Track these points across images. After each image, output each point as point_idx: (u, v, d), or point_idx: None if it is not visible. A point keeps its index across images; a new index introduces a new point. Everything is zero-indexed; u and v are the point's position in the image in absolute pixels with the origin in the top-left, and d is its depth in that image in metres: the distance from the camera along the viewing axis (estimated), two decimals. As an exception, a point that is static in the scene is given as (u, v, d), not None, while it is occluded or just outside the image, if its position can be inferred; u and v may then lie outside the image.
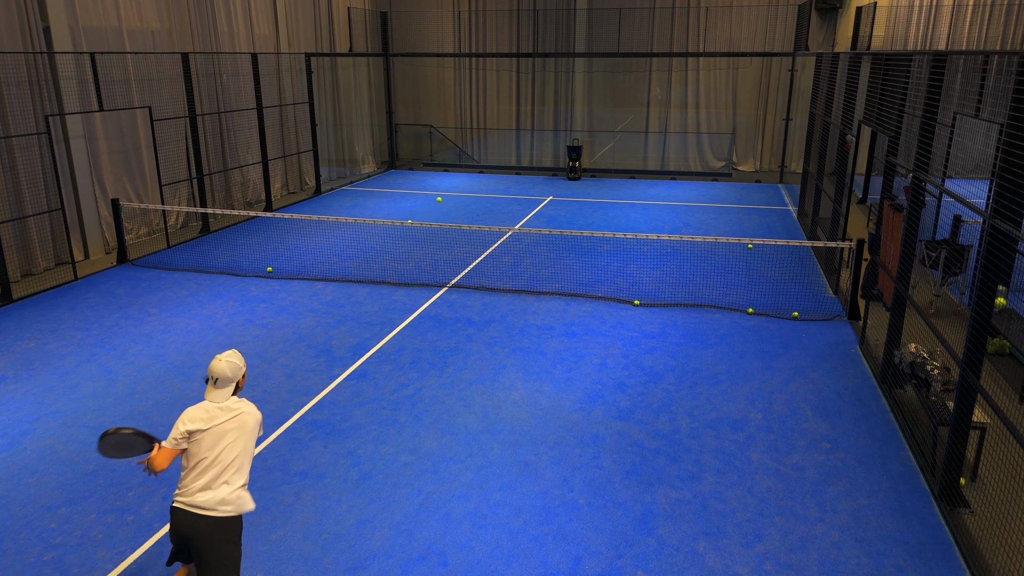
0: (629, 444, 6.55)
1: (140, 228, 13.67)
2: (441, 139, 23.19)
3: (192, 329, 9.24)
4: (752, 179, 20.35)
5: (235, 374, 4.31)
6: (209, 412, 4.21)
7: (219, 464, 4.14)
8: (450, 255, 12.53)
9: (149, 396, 7.47)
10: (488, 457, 6.34)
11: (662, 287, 10.89)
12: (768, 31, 20.45)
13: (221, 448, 4.16)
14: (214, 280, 11.21)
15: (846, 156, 10.88)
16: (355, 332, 9.17)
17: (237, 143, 16.10)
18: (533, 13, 21.54)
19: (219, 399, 4.27)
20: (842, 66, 11.67)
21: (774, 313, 9.80)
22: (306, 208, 16.63)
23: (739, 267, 11.83)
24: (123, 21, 13.03)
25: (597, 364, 8.22)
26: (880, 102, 8.77)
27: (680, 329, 9.28)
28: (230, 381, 4.30)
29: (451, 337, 9.03)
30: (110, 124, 12.92)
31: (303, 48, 18.34)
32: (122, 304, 10.14)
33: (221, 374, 4.26)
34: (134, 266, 11.96)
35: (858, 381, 7.80)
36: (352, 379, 7.87)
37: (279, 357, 8.42)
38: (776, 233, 14.24)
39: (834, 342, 8.87)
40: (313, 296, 10.52)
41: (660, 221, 15.24)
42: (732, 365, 8.20)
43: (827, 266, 11.50)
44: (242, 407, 4.29)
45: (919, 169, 6.95)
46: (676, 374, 7.97)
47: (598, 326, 9.38)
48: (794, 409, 7.18)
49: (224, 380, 4.27)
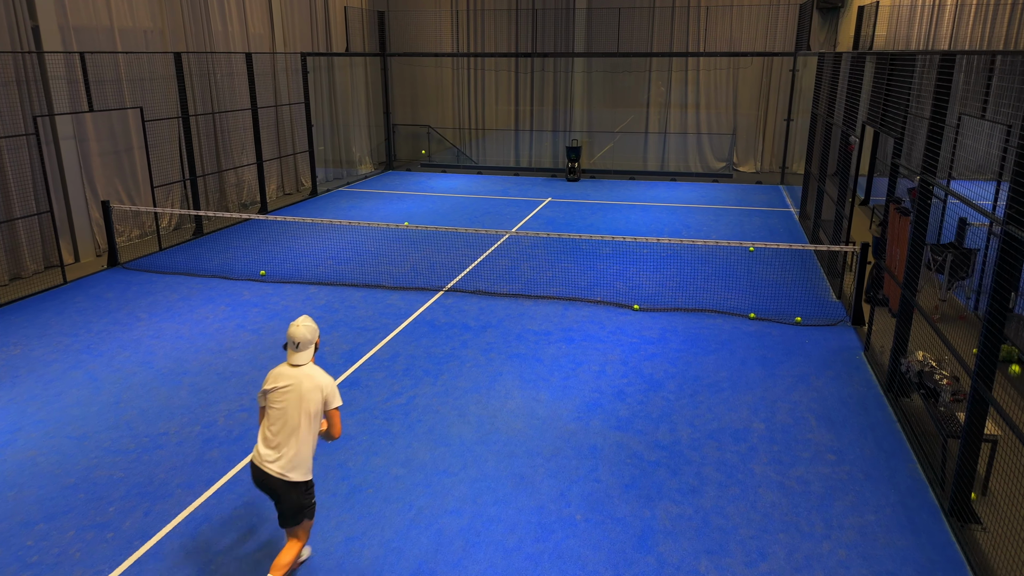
0: (628, 456, 6.35)
1: (132, 230, 13.47)
2: (439, 139, 22.99)
3: (182, 335, 9.04)
4: (753, 180, 20.16)
5: (312, 336, 4.57)
6: (283, 374, 4.53)
7: (286, 425, 4.46)
8: (447, 258, 12.33)
9: (135, 405, 7.26)
10: (482, 469, 6.14)
11: (662, 291, 10.70)
12: (769, 31, 20.26)
13: (286, 410, 4.46)
14: (206, 284, 11.01)
15: (849, 157, 10.69)
16: (348, 338, 8.97)
17: (232, 144, 15.90)
18: (532, 12, 21.34)
19: (300, 361, 4.54)
20: (845, 66, 11.48)
21: (776, 318, 9.60)
22: (302, 209, 16.43)
23: (740, 270, 11.63)
24: (114, 20, 12.83)
25: (596, 371, 8.03)
26: (885, 103, 8.57)
27: (680, 334, 9.08)
28: (309, 343, 4.56)
29: (446, 343, 8.82)
30: (101, 125, 12.72)
31: (299, 48, 18.14)
32: (111, 308, 9.94)
33: (301, 338, 4.52)
34: (125, 269, 11.76)
35: (863, 389, 7.60)
36: (344, 387, 7.67)
37: (270, 364, 8.21)
38: (778, 235, 14.05)
39: (838, 348, 8.67)
40: (306, 300, 10.32)
41: (660, 223, 15.04)
42: (734, 372, 8.00)
43: (830, 269, 11.30)
44: (309, 372, 4.52)
45: (927, 172, 6.75)
46: (676, 382, 7.77)
47: (597, 331, 9.18)
48: (798, 419, 6.98)
49: (304, 343, 4.53)
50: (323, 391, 4.51)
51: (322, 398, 4.50)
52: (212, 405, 7.26)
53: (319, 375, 4.54)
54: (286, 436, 4.45)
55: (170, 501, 5.73)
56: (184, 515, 5.56)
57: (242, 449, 6.45)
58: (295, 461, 4.47)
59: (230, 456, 6.35)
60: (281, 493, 4.49)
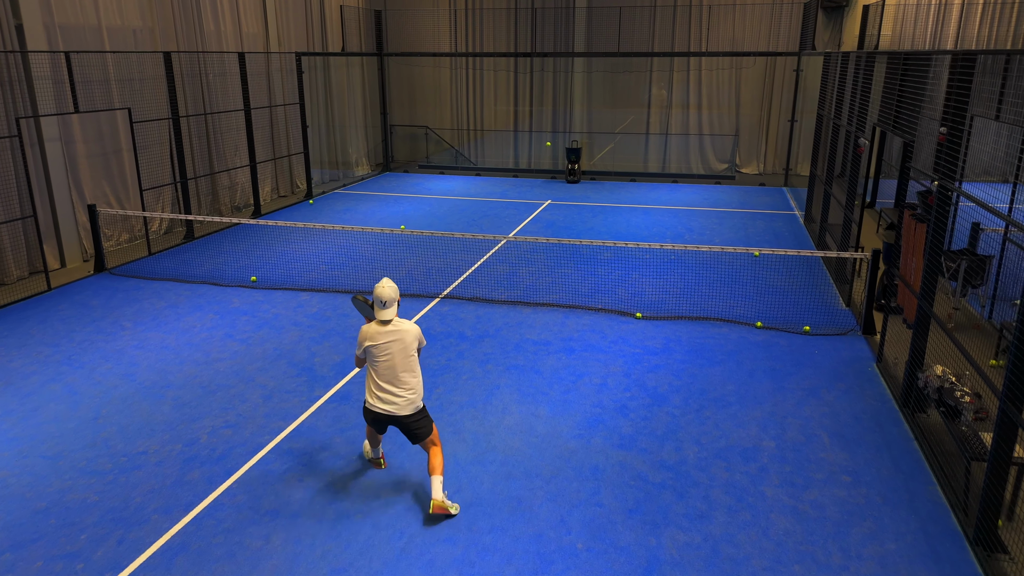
0: (632, 477, 6.02)
1: (121, 234, 13.13)
2: (437, 140, 22.65)
3: (167, 344, 8.70)
4: (756, 182, 19.82)
5: (396, 294, 5.39)
6: (380, 331, 5.38)
7: (393, 369, 5.38)
8: (443, 263, 12.00)
9: (114, 421, 6.92)
10: (478, 492, 5.80)
11: (665, 298, 10.36)
12: (772, 30, 19.93)
13: (390, 359, 5.36)
14: (195, 290, 10.67)
15: (859, 160, 10.35)
16: (340, 348, 8.64)
17: (224, 145, 15.56)
18: (531, 11, 21.00)
19: (390, 316, 5.39)
20: (854, 66, 11.14)
21: (784, 327, 9.27)
22: (296, 212, 16.10)
23: (745, 276, 11.30)
24: (102, 19, 12.49)
25: (597, 384, 7.69)
26: (898, 104, 8.24)
27: (685, 344, 8.74)
28: (394, 300, 5.38)
29: (441, 354, 8.49)
30: (89, 126, 12.38)
31: (294, 47, 17.80)
32: (95, 317, 9.60)
33: (388, 296, 5.34)
34: (112, 275, 11.42)
35: (877, 404, 7.27)
36: (334, 401, 7.34)
37: (257, 376, 7.88)
38: (783, 239, 13.71)
39: (849, 359, 8.34)
40: (298, 308, 9.98)
41: (662, 226, 14.71)
42: (741, 385, 7.67)
43: (838, 276, 10.97)
44: (402, 325, 5.42)
45: (945, 177, 6.42)
46: (681, 395, 7.44)
47: (598, 341, 8.84)
48: (810, 436, 6.65)
49: (390, 300, 5.35)
50: (418, 338, 5.49)
51: (417, 342, 5.48)
52: (195, 421, 6.92)
53: (411, 325, 5.47)
54: (398, 381, 5.39)
55: (146, 528, 5.39)
56: (159, 544, 5.22)
57: (225, 469, 6.12)
58: (409, 398, 5.43)
59: (212, 477, 6.01)
60: (407, 424, 5.47)
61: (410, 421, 5.48)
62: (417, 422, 5.51)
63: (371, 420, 5.58)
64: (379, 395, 5.44)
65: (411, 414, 5.47)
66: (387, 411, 5.42)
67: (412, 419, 5.49)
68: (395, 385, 5.41)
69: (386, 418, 5.49)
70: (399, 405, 5.41)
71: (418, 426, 5.51)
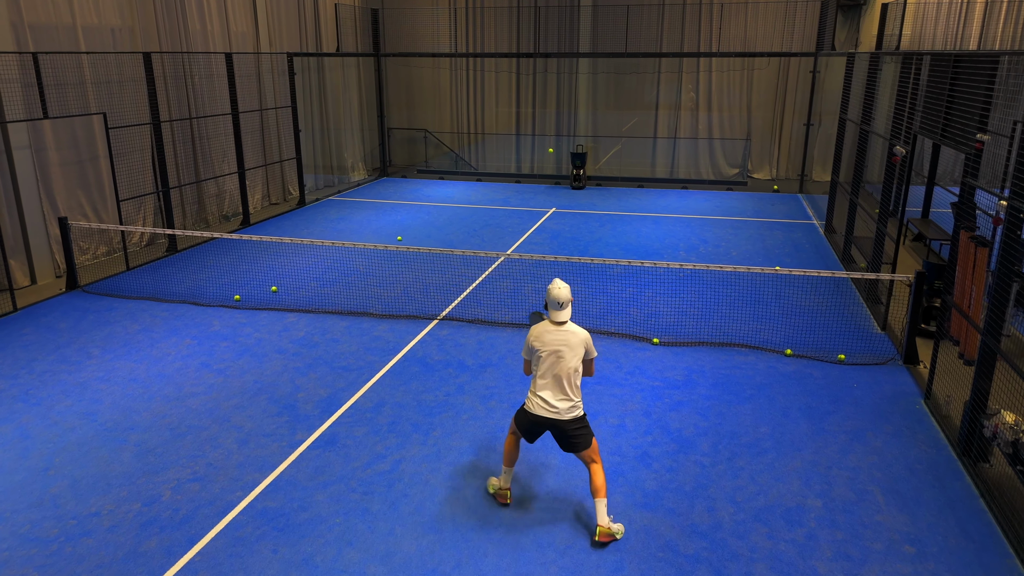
0: (659, 546, 5.18)
1: (98, 247, 12.30)
2: (436, 144, 21.82)
3: (136, 376, 7.87)
4: (769, 188, 18.98)
5: (570, 294, 5.26)
6: (550, 332, 5.22)
7: (556, 375, 5.17)
8: (442, 279, 11.16)
9: (67, 473, 6.09)
10: (480, 568, 4.97)
11: (683, 320, 9.53)
12: (786, 29, 19.08)
13: (555, 361, 5.17)
14: (173, 311, 9.84)
15: (894, 170, 9.52)
16: (327, 380, 7.80)
17: (212, 151, 14.74)
18: (534, 10, 20.16)
19: (563, 318, 5.23)
20: (891, 68, 10.31)
21: (816, 355, 8.44)
22: (288, 220, 15.26)
23: (768, 294, 10.46)
24: (77, 17, 11.66)
25: (614, 426, 6.85)
26: (948, 111, 7.40)
27: (709, 376, 7.91)
28: (569, 301, 5.23)
29: (440, 387, 7.65)
30: (62, 133, 11.55)
31: (286, 47, 16.96)
32: (61, 343, 8.77)
33: (564, 298, 5.21)
34: (85, 293, 10.59)
35: (932, 451, 6.43)
36: (318, 447, 6.50)
37: (233, 416, 7.04)
38: (804, 252, 12.87)
39: (892, 395, 7.50)
40: (283, 332, 9.15)
41: (674, 237, 13.87)
42: (776, 427, 6.83)
43: (869, 295, 10.13)
44: (571, 329, 5.23)
45: (1016, 196, 5.59)
46: (710, 440, 6.60)
47: (613, 372, 8.01)
48: (860, 493, 5.81)
49: (565, 301, 5.22)
50: (586, 344, 5.24)
51: (585, 350, 5.23)
52: (158, 473, 6.09)
53: (580, 331, 5.25)
54: (561, 386, 5.17)
55: (88, 616, 4.57)
56: (102, 639, 4.39)
57: (187, 537, 5.28)
58: (571, 404, 5.19)
59: (171, 547, 5.18)
60: (565, 429, 5.21)
61: (569, 429, 5.23)
62: (577, 431, 5.24)
63: (525, 427, 5.38)
64: (538, 399, 5.25)
65: (570, 420, 5.22)
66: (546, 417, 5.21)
67: (571, 427, 5.23)
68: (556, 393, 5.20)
69: (543, 423, 5.25)
70: (559, 411, 5.20)
71: (577, 436, 5.24)
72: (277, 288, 10.19)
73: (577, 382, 5.21)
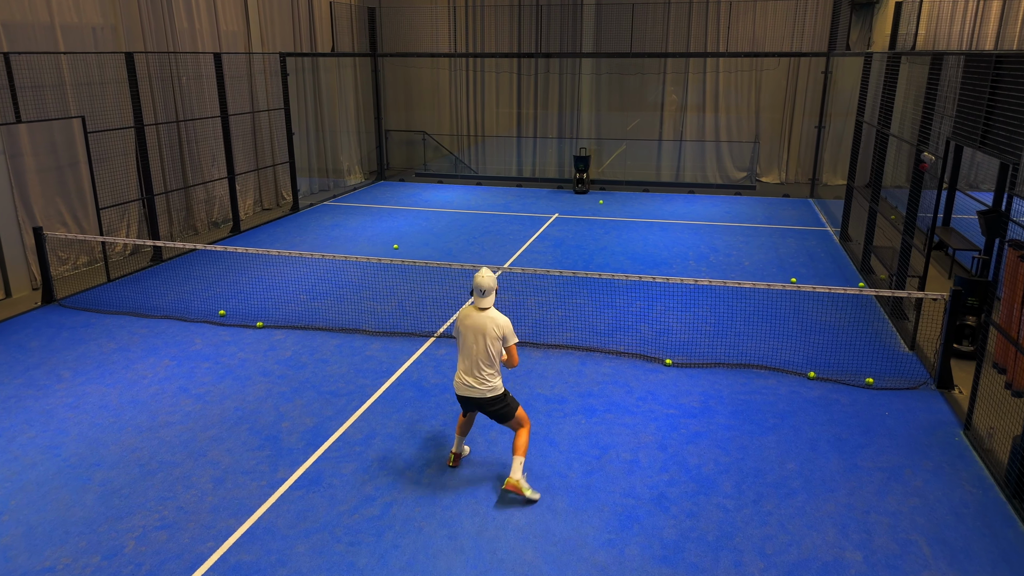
0: (682, 610, 4.58)
1: (79, 257, 11.70)
2: (435, 147, 21.22)
3: (108, 403, 7.27)
4: (778, 193, 18.38)
5: (494, 283, 5.57)
6: (470, 315, 5.57)
7: (471, 357, 5.56)
8: (440, 291, 10.57)
9: (23, 519, 5.49)
10: (480, 638, 4.37)
11: (696, 337, 8.93)
12: (796, 29, 18.48)
13: (472, 344, 5.54)
14: (154, 327, 9.25)
15: (921, 178, 8.92)
16: (314, 408, 7.21)
17: (200, 156, 14.14)
18: (536, 9, 19.56)
19: (485, 304, 5.55)
20: (919, 71, 9.71)
21: (841, 378, 7.84)
22: (280, 227, 14.66)
23: (786, 308, 9.87)
24: (56, 15, 11.06)
25: (627, 461, 6.26)
26: (988, 115, 6.81)
27: (727, 403, 7.31)
28: (491, 289, 5.56)
29: (435, 415, 7.06)
30: (40, 137, 10.96)
31: (279, 47, 16.36)
32: (30, 364, 8.17)
33: (486, 285, 5.52)
34: (62, 307, 10.00)
35: (978, 492, 5.84)
36: (301, 487, 5.91)
37: (210, 449, 6.45)
38: (819, 262, 12.27)
39: (927, 424, 6.90)
40: (269, 351, 8.55)
41: (682, 244, 13.27)
42: (804, 463, 6.23)
43: (894, 310, 9.54)
44: (491, 315, 5.54)
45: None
46: (732, 479, 6.01)
47: (623, 397, 7.41)
48: (903, 543, 5.21)
49: (488, 289, 5.54)
50: (504, 331, 5.54)
51: (501, 337, 5.54)
52: (123, 518, 5.49)
53: (500, 318, 5.55)
54: (477, 367, 5.53)
55: None
56: None
57: (150, 598, 4.69)
58: (489, 384, 5.56)
59: (131, 612, 4.58)
60: (486, 407, 5.64)
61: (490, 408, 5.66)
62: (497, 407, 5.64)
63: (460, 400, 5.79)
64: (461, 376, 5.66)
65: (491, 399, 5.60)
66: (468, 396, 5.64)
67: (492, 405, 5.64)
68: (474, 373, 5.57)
69: (465, 399, 5.69)
70: (479, 391, 5.58)
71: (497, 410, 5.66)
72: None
73: (495, 366, 5.55)
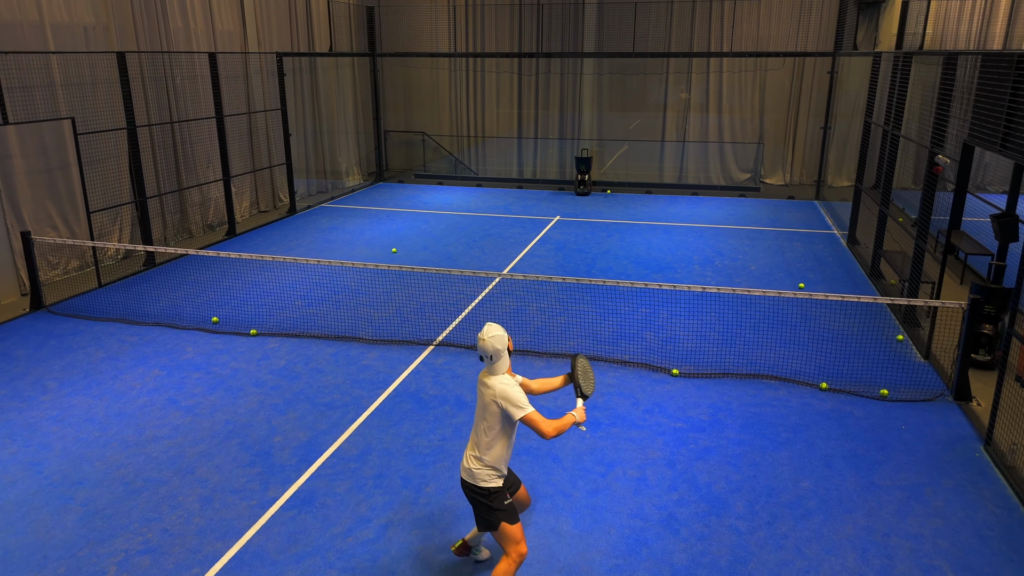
0: (695, 644, 4.31)
1: (69, 261, 11.44)
2: (435, 148, 20.95)
3: (94, 416, 7.00)
4: (783, 194, 18.11)
5: (502, 344, 4.38)
6: (483, 381, 4.48)
7: (473, 434, 4.54)
8: (439, 297, 10.30)
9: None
10: (481, 675, 4.11)
11: (704, 346, 8.67)
12: (801, 28, 18.21)
13: (476, 418, 4.53)
14: (144, 335, 8.98)
15: (935, 181, 8.66)
16: (307, 421, 6.94)
17: (196, 157, 13.87)
18: (537, 8, 19.29)
19: (493, 372, 4.42)
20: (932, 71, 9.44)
21: (854, 389, 7.57)
22: (277, 230, 14.40)
23: (795, 316, 9.60)
24: (45, 14, 10.79)
25: (634, 479, 5.99)
26: (1009, 118, 6.54)
27: (737, 415, 7.04)
28: (500, 353, 4.38)
29: (434, 430, 6.79)
30: (29, 139, 10.69)
31: (275, 47, 16.09)
32: (15, 374, 7.90)
33: (484, 350, 4.37)
34: (50, 313, 9.73)
35: (1002, 512, 5.57)
36: (293, 506, 5.64)
37: (199, 466, 6.18)
38: (828, 266, 12.00)
39: (946, 439, 6.63)
40: (263, 360, 8.29)
41: (687, 248, 13.00)
42: (819, 481, 5.96)
43: (907, 317, 9.27)
44: (489, 382, 4.41)
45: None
46: (745, 498, 5.74)
47: (629, 410, 7.14)
48: (927, 569, 4.94)
49: (496, 354, 4.38)
50: (500, 403, 4.35)
51: (499, 411, 4.36)
52: (104, 542, 5.22)
53: (498, 386, 4.37)
54: (474, 443, 4.51)
55: None
56: None
57: (130, 630, 4.42)
58: (468, 467, 4.49)
59: (109, 645, 4.32)
60: (468, 495, 4.54)
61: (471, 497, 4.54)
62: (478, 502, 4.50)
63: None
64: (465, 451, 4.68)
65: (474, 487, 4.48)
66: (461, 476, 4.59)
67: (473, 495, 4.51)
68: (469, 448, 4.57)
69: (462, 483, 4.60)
70: (468, 471, 4.51)
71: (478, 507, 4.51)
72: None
73: (481, 448, 4.46)
